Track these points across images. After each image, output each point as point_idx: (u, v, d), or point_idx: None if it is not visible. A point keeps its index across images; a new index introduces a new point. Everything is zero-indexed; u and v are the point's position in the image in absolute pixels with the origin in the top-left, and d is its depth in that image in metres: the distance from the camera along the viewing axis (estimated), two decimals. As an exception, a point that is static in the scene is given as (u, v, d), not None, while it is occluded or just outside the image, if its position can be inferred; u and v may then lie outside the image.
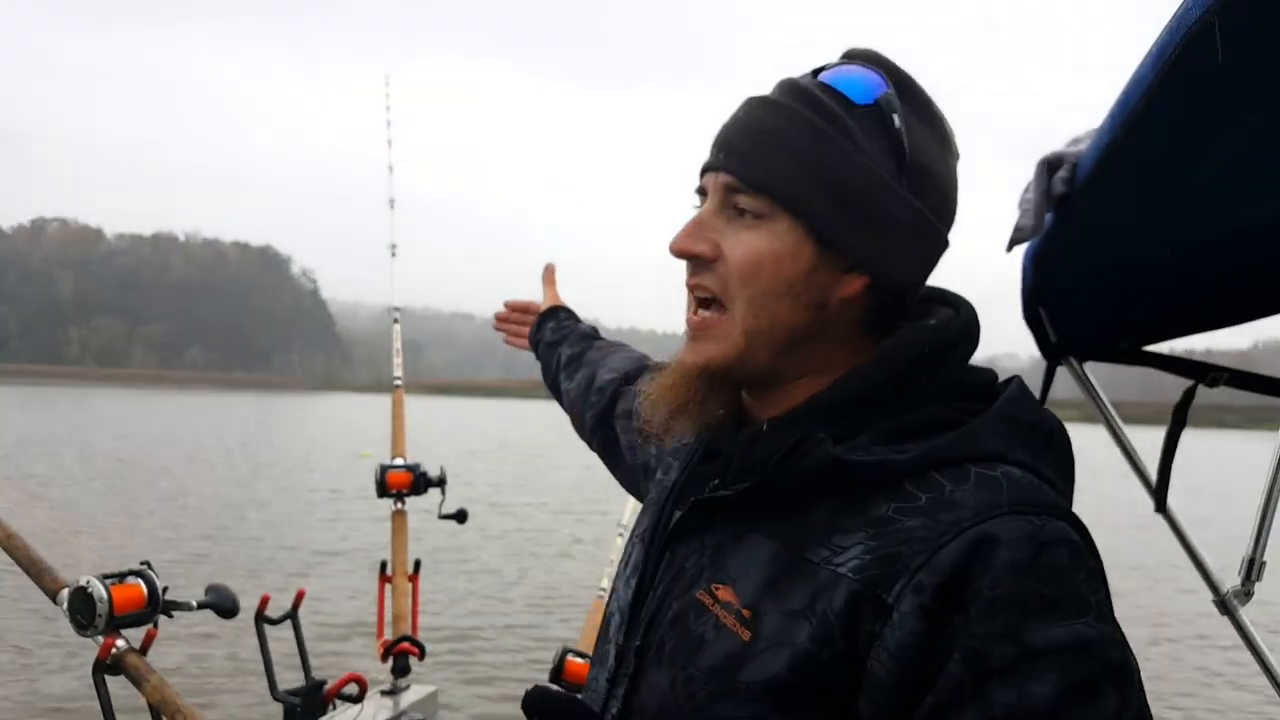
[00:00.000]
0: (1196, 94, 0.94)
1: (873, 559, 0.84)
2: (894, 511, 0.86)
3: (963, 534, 0.81)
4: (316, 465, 24.19)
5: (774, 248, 0.94)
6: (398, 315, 3.28)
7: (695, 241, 0.98)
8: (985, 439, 0.89)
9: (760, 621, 0.88)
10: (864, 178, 0.94)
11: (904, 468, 0.88)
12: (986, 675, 0.77)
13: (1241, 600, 1.83)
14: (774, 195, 0.94)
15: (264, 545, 12.68)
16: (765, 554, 0.92)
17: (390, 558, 2.72)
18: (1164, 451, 1.79)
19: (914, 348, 0.95)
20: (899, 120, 0.95)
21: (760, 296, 0.95)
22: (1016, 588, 0.79)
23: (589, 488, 21.20)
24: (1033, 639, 0.77)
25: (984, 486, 0.85)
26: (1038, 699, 0.76)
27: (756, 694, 0.86)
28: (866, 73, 0.97)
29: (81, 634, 1.87)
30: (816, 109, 0.95)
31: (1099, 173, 1.20)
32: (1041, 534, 0.81)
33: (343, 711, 2.24)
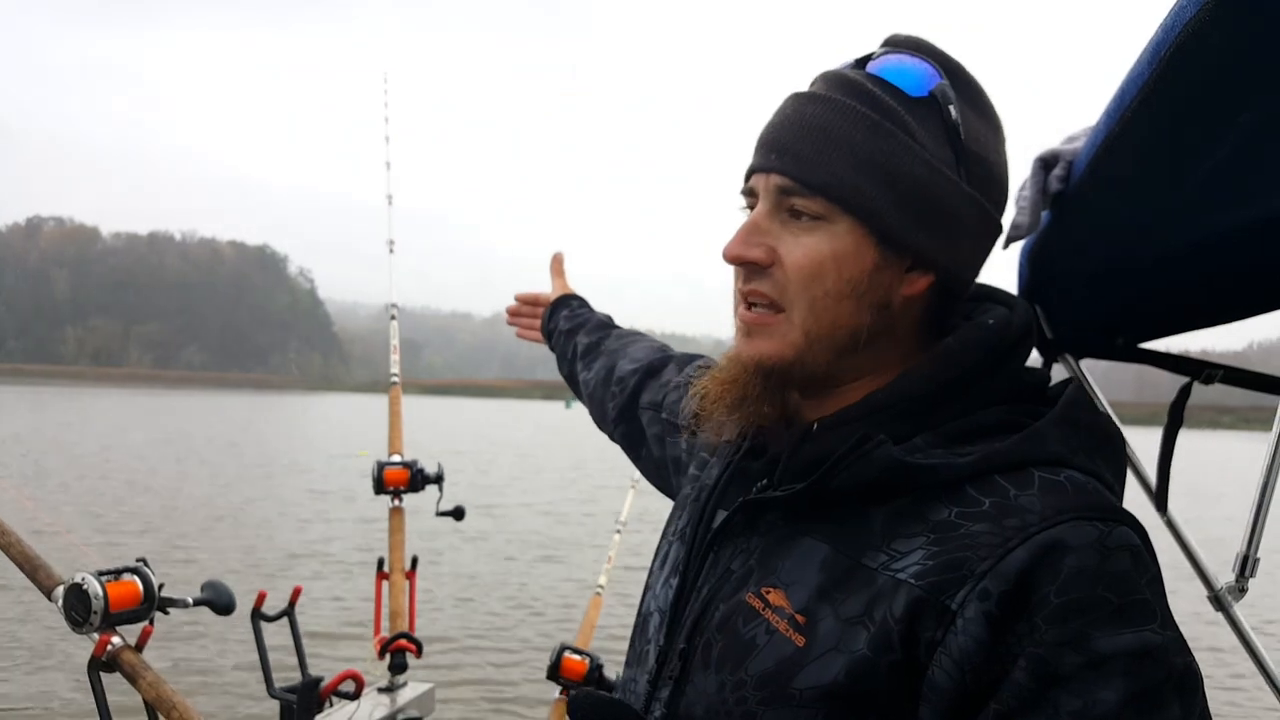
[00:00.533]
0: (1192, 91, 0.94)
1: (936, 564, 0.82)
2: (957, 516, 0.84)
3: (1029, 540, 0.80)
4: (314, 464, 24.17)
5: (835, 250, 0.92)
6: (395, 312, 3.27)
7: (750, 247, 0.95)
8: (1049, 442, 0.88)
9: (815, 627, 0.86)
10: (925, 172, 0.91)
11: (966, 471, 0.86)
12: (1052, 683, 0.76)
13: (1235, 596, 1.84)
14: (832, 196, 0.91)
15: (260, 542, 12.70)
16: (818, 558, 0.89)
17: (387, 554, 2.71)
18: (1162, 451, 1.78)
19: (977, 349, 0.93)
20: (955, 111, 0.93)
21: (823, 299, 0.92)
22: (1084, 594, 0.77)
23: (585, 485, 21.25)
24: (1100, 646, 0.76)
25: (1049, 491, 0.83)
26: (1104, 707, 0.75)
27: (810, 701, 0.84)
28: (918, 62, 0.94)
29: (77, 631, 1.86)
30: (871, 103, 0.92)
31: (1095, 170, 1.20)
32: (1108, 540, 0.80)
33: (339, 708, 2.24)
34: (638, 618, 1.12)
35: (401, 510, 2.79)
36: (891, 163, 0.90)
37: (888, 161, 0.90)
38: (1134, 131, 1.06)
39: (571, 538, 14.37)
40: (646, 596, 1.12)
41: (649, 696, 1.01)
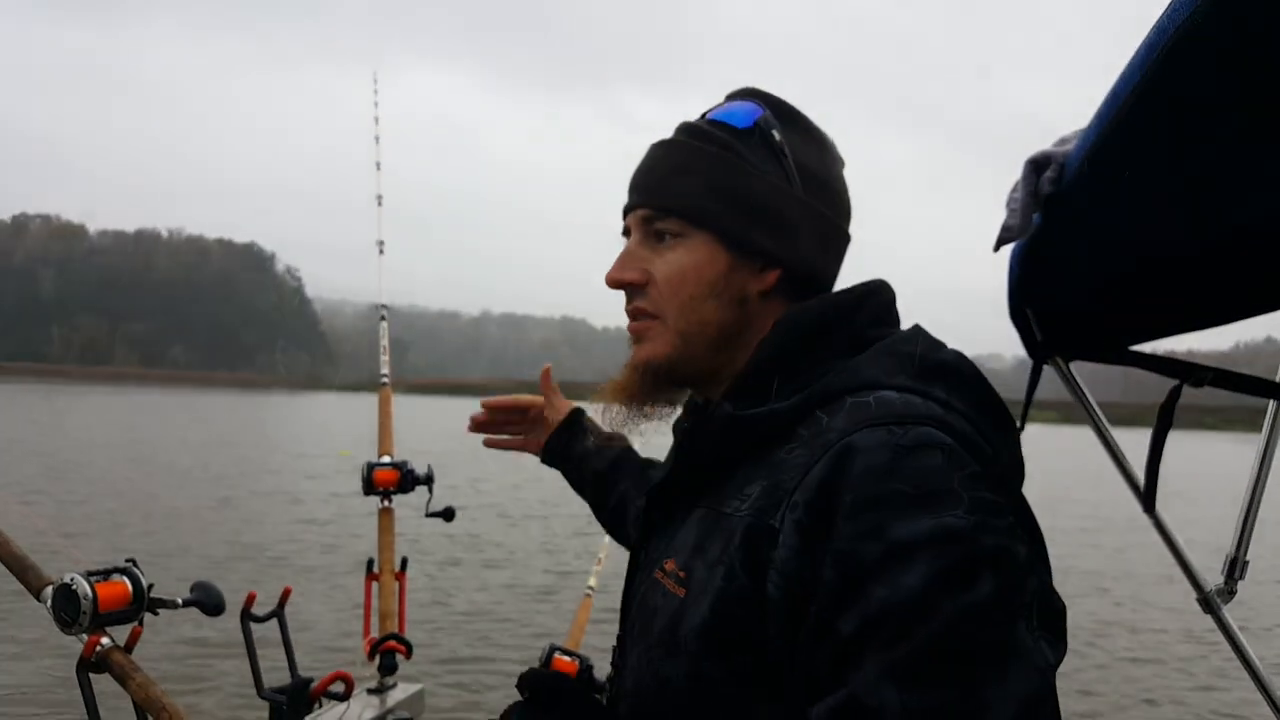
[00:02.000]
0: (1185, 92, 0.94)
1: (762, 493, 0.93)
2: (785, 452, 0.95)
3: (829, 451, 0.88)
4: (302, 464, 24.10)
5: (694, 258, 1.08)
6: (385, 312, 3.26)
7: (626, 271, 1.12)
8: (863, 371, 0.98)
9: (691, 578, 0.97)
10: (757, 186, 1.08)
11: (790, 413, 0.97)
12: (859, 575, 0.82)
13: (1224, 599, 1.85)
14: (684, 215, 1.08)
15: (249, 543, 12.65)
16: (695, 520, 1.02)
17: (377, 555, 2.71)
18: (1151, 452, 1.79)
19: (810, 315, 1.06)
20: (778, 135, 1.10)
21: (689, 301, 1.08)
22: (876, 489, 0.84)
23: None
24: (897, 533, 0.81)
25: (853, 411, 0.93)
26: (908, 589, 0.79)
27: (693, 645, 0.93)
28: (744, 104, 1.12)
29: (65, 632, 1.85)
30: (706, 139, 1.10)
31: (1086, 172, 1.20)
32: (903, 439, 0.87)
33: (329, 709, 2.24)
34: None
35: (391, 511, 2.78)
36: (726, 181, 1.07)
37: (723, 180, 1.07)
38: (1126, 133, 1.06)
39: (561, 539, 14.36)
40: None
41: (613, 684, 1.15)
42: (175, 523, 13.85)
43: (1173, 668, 8.86)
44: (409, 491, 2.76)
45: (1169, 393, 1.78)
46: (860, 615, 0.80)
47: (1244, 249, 1.36)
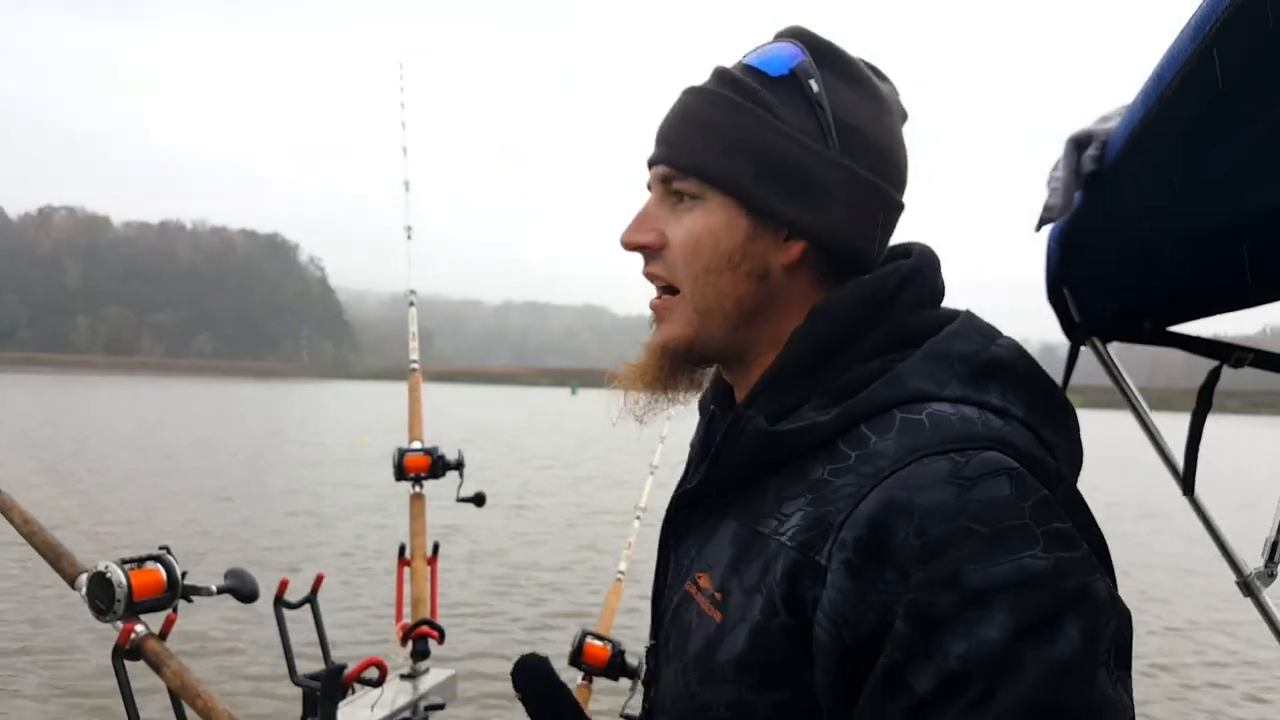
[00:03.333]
0: (1234, 69, 0.92)
1: (806, 523, 0.83)
2: (828, 473, 0.85)
3: (879, 484, 0.79)
4: (331, 451, 24.28)
5: (710, 224, 0.97)
6: (413, 298, 3.26)
7: (640, 233, 1.02)
8: (910, 380, 0.88)
9: (728, 601, 0.89)
10: (785, 144, 0.95)
11: (831, 428, 0.87)
12: (933, 627, 0.74)
13: (1265, 581, 1.83)
14: (701, 175, 0.97)
15: (281, 530, 12.77)
16: (730, 535, 0.93)
17: (409, 541, 2.71)
18: (1190, 434, 1.77)
19: (852, 303, 0.95)
20: (816, 85, 0.96)
21: (704, 273, 0.98)
22: (946, 530, 0.75)
23: (604, 473, 21.28)
24: (974, 580, 0.73)
25: (905, 432, 0.83)
26: (990, 644, 0.72)
27: (730, 674, 0.87)
28: (784, 46, 0.99)
29: (100, 619, 1.86)
30: (733, 87, 0.98)
31: (1129, 150, 1.18)
32: (966, 469, 0.78)
33: (362, 695, 2.25)
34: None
35: (422, 497, 2.78)
36: (750, 138, 0.95)
37: (746, 137, 0.96)
38: (1173, 110, 1.04)
39: (592, 524, 14.39)
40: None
41: (643, 703, 1.09)
42: (207, 510, 13.98)
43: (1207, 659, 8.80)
44: (440, 477, 2.76)
45: (1209, 374, 1.76)
46: (938, 672, 0.73)
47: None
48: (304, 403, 59.08)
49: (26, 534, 2.03)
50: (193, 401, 50.42)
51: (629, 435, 1.67)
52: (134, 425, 30.63)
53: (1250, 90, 0.97)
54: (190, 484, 16.72)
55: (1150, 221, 1.43)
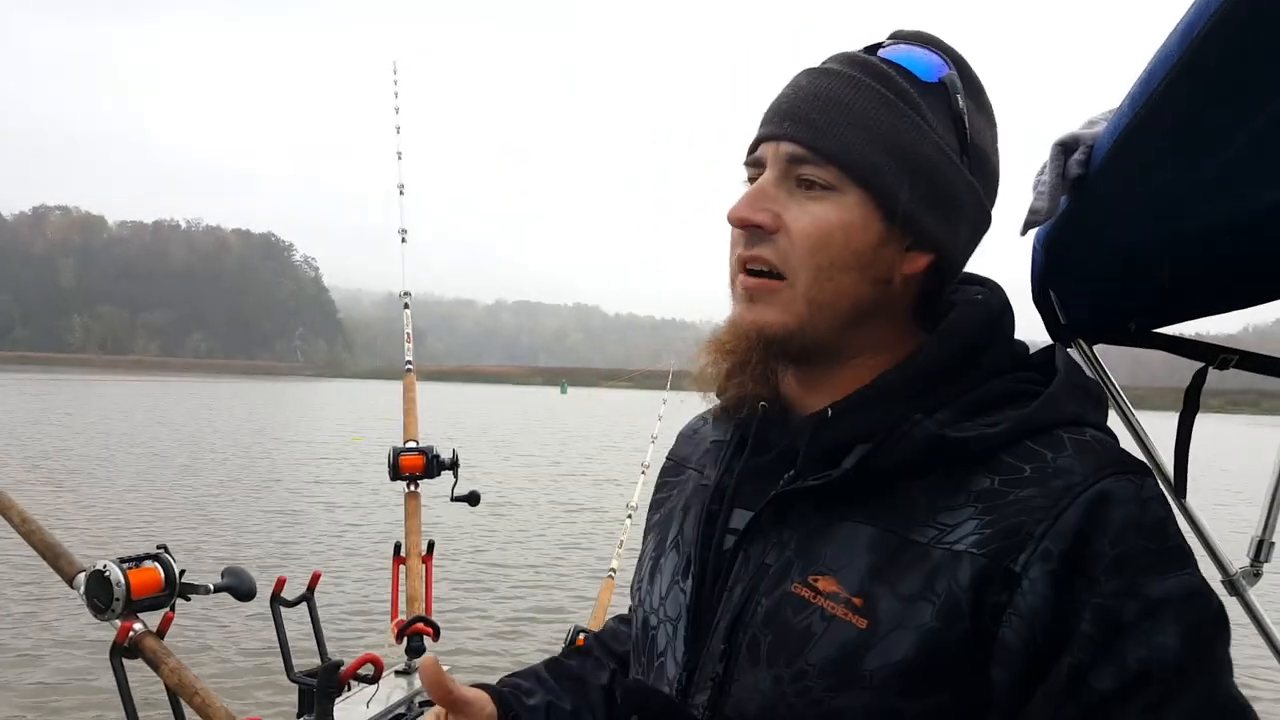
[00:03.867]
0: (1223, 72, 0.93)
1: (993, 532, 0.84)
2: (1000, 484, 0.87)
3: (1077, 499, 0.83)
4: (327, 450, 24.23)
5: (844, 219, 0.92)
6: (408, 300, 3.28)
7: (757, 211, 0.95)
8: (1066, 404, 0.92)
9: (875, 607, 0.87)
10: (935, 154, 0.93)
11: (999, 440, 0.89)
12: (1116, 632, 0.80)
13: (1250, 580, 1.84)
14: (845, 166, 0.92)
15: (277, 529, 12.76)
16: (864, 540, 0.90)
17: (404, 539, 2.73)
18: (1178, 437, 1.78)
19: (977, 324, 0.97)
20: (961, 100, 0.95)
21: (828, 268, 0.93)
22: (1132, 545, 0.82)
23: (595, 472, 21.27)
24: (1152, 592, 0.80)
25: (1083, 451, 0.88)
26: (1166, 650, 0.79)
27: (882, 681, 0.85)
28: (928, 53, 0.97)
29: (99, 618, 1.88)
30: (886, 82, 0.94)
31: (1116, 154, 1.19)
32: (1143, 491, 0.85)
33: (358, 692, 2.26)
34: (638, 631, 1.10)
35: (417, 495, 2.80)
36: (905, 140, 0.92)
37: (901, 139, 0.92)
38: (1160, 114, 1.05)
39: (583, 522, 14.42)
40: (642, 609, 1.11)
41: (682, 700, 0.99)
42: (204, 509, 13.96)
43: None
44: (435, 477, 2.78)
45: (1195, 376, 1.77)
46: (1119, 674, 0.80)
47: (1274, 230, 1.35)
48: (298, 401, 58.92)
49: (25, 533, 2.05)
50: (188, 400, 50.25)
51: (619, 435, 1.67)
52: (129, 424, 30.53)
53: (1237, 95, 0.98)
54: (186, 483, 16.70)
55: (1136, 225, 1.44)
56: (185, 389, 68.92)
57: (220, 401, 50.69)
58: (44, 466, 17.93)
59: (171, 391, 62.22)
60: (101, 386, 67.30)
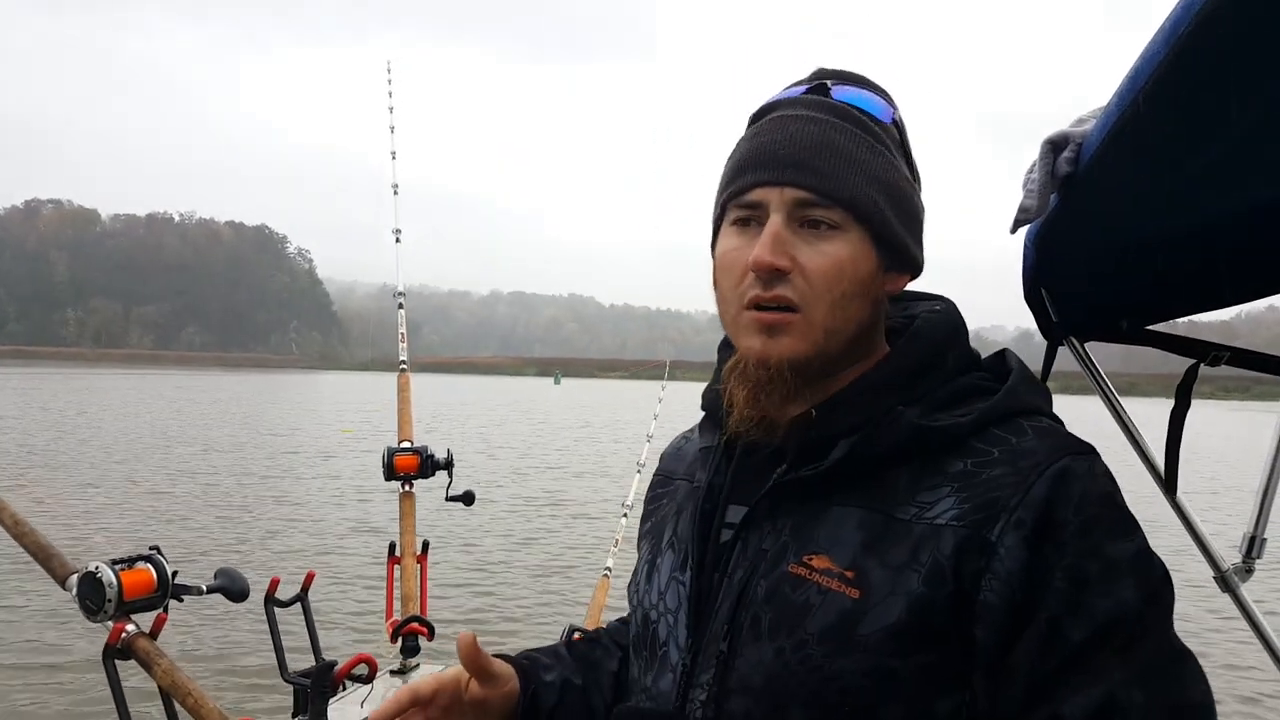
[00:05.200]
0: (1209, 70, 0.93)
1: (970, 507, 0.96)
2: (972, 466, 0.99)
3: (1043, 474, 0.95)
4: (321, 446, 24.19)
5: (852, 254, 1.04)
6: (402, 300, 3.27)
7: (779, 257, 1.03)
8: (1023, 396, 1.05)
9: (867, 578, 0.97)
10: (905, 184, 1.08)
11: (969, 428, 1.01)
12: (1084, 587, 0.91)
13: (1242, 577, 1.85)
14: (850, 206, 1.03)
15: (272, 528, 12.71)
16: (853, 521, 1.01)
17: (398, 539, 2.73)
18: (1170, 434, 1.79)
19: (943, 329, 1.11)
20: (906, 136, 1.11)
21: (842, 300, 1.04)
22: (1092, 513, 0.94)
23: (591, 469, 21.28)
24: (1112, 553, 0.93)
25: (1044, 435, 1.00)
26: (1127, 602, 0.91)
27: (876, 644, 0.95)
28: (871, 95, 1.10)
29: (91, 619, 1.87)
30: (862, 126, 1.06)
31: (1105, 152, 1.19)
32: (1095, 467, 0.98)
33: (353, 692, 2.26)
34: (638, 628, 1.18)
35: (412, 495, 2.80)
36: (888, 177, 1.06)
37: (885, 176, 1.05)
38: (1148, 112, 1.05)
39: (578, 520, 14.41)
40: (641, 607, 1.18)
41: (683, 689, 1.07)
42: (197, 508, 13.94)
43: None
44: (429, 477, 2.78)
45: (1186, 372, 1.77)
46: (1090, 623, 0.91)
47: (1263, 227, 1.35)
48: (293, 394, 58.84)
49: (17, 535, 2.04)
50: (182, 395, 50.19)
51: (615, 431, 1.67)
52: (124, 420, 30.48)
53: (1224, 93, 0.98)
54: (180, 482, 16.66)
55: (1126, 223, 1.45)
56: (179, 383, 68.85)
57: (214, 396, 50.64)
58: (36, 465, 17.89)
59: (165, 386, 62.13)
60: (95, 380, 67.17)
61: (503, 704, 1.18)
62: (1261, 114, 1.00)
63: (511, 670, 1.19)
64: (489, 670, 1.14)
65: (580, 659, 1.32)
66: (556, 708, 1.23)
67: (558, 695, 1.24)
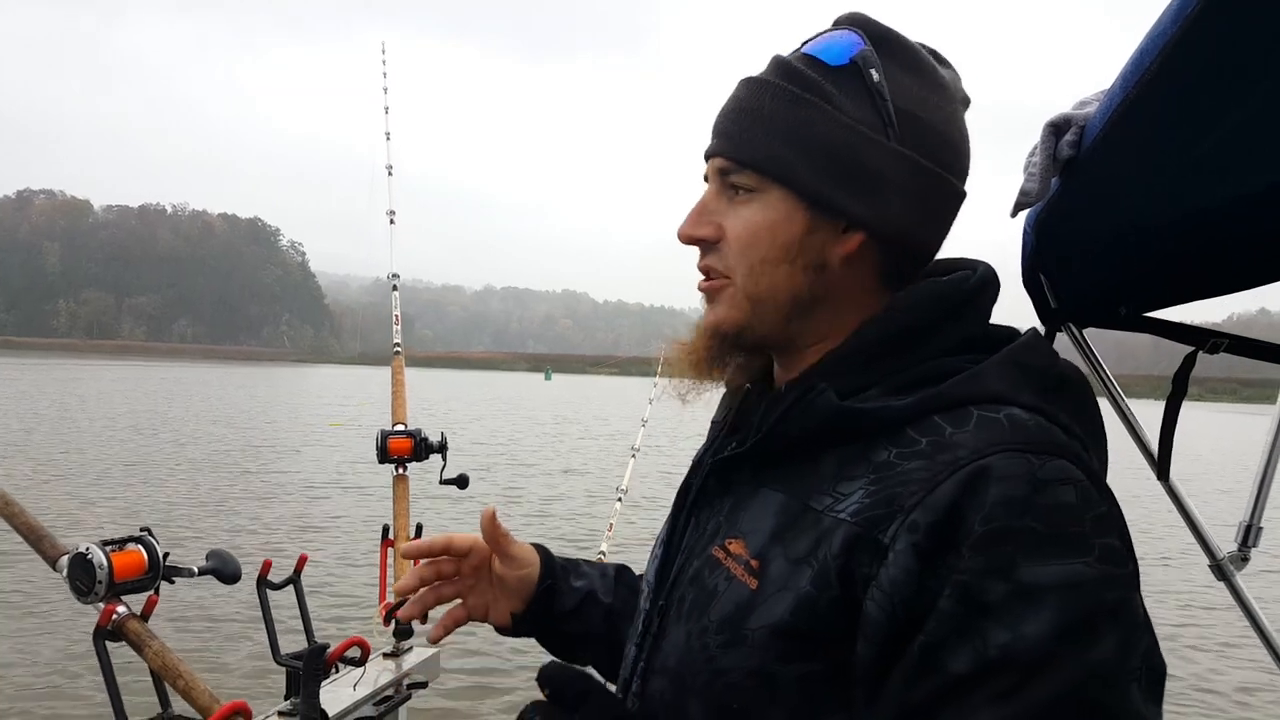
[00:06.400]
0: (1214, 55, 0.93)
1: (871, 502, 0.85)
2: (895, 456, 0.87)
3: (957, 472, 0.81)
4: (314, 434, 24.20)
5: (768, 218, 0.98)
6: (396, 282, 3.26)
7: (699, 226, 1.03)
8: (989, 381, 0.90)
9: (767, 569, 0.90)
10: (844, 135, 0.96)
11: (905, 413, 0.89)
12: (979, 612, 0.76)
13: (1238, 565, 1.85)
14: (760, 168, 0.98)
15: (264, 512, 12.77)
16: (774, 506, 0.94)
17: (392, 522, 2.72)
18: (1165, 419, 1.79)
19: (927, 302, 0.97)
20: (877, 74, 0.96)
21: (759, 264, 0.98)
22: (1010, 524, 0.78)
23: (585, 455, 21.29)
24: (1025, 576, 0.76)
25: (985, 427, 0.85)
26: (1032, 639, 0.74)
27: (762, 641, 0.87)
28: (844, 34, 0.99)
29: (82, 600, 1.86)
30: (791, 78, 0.98)
31: (1110, 135, 1.18)
32: (1041, 471, 0.80)
33: (345, 674, 2.26)
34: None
35: (406, 479, 2.79)
36: (808, 130, 0.96)
37: (803, 129, 0.96)
38: (1153, 94, 1.04)
39: (573, 506, 14.45)
40: (644, 577, 1.18)
41: (635, 659, 1.06)
42: (189, 492, 13.95)
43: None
44: (423, 460, 2.77)
45: (1184, 360, 1.77)
46: (976, 657, 0.76)
47: (1264, 214, 1.35)
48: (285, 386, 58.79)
49: (7, 515, 2.03)
50: (174, 385, 50.11)
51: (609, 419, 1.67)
52: (113, 408, 30.43)
53: (1230, 75, 0.98)
54: (171, 466, 16.68)
55: (1128, 207, 1.44)
56: (171, 374, 68.72)
57: (206, 386, 50.58)
58: (27, 450, 17.87)
59: (157, 376, 62.03)
60: (87, 370, 67.05)
61: (518, 585, 1.28)
62: (1266, 99, 1.00)
63: (535, 557, 1.29)
64: (506, 550, 1.26)
65: (624, 586, 1.35)
66: (572, 613, 1.29)
67: (577, 602, 1.30)
